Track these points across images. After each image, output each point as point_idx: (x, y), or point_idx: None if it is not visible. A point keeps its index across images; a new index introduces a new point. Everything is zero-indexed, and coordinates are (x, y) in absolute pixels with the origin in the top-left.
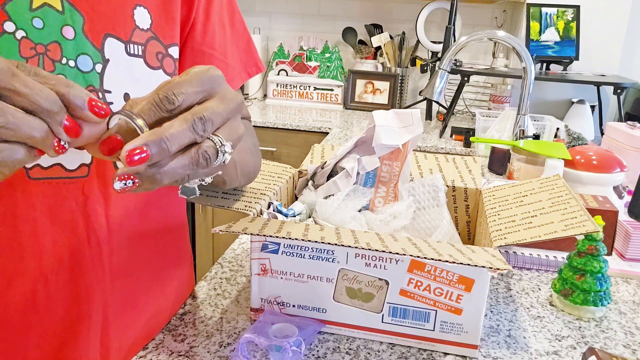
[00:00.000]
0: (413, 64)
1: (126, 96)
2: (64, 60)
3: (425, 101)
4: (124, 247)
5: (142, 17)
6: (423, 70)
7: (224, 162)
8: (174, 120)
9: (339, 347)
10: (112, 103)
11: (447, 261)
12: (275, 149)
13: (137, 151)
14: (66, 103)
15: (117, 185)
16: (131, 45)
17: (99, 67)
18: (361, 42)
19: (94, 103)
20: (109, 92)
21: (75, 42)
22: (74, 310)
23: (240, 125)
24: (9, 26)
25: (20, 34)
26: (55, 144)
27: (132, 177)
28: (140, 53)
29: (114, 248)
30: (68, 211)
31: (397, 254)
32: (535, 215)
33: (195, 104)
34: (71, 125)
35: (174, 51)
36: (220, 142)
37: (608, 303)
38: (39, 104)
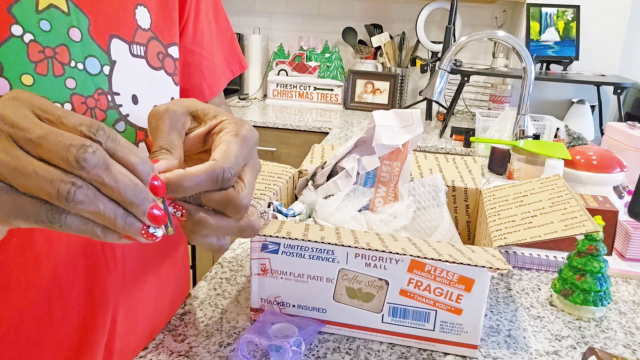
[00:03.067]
0: (413, 64)
1: (134, 98)
2: (72, 64)
3: (425, 101)
4: (134, 252)
5: (143, 17)
6: (423, 70)
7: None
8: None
9: (339, 347)
10: (121, 105)
11: (447, 261)
12: (275, 149)
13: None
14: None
15: (170, 209)
16: (134, 46)
17: (106, 69)
18: (361, 42)
19: (154, 182)
20: (118, 94)
21: (82, 44)
22: (89, 318)
23: (258, 160)
24: (16, 29)
25: (28, 37)
26: (143, 232)
27: (183, 210)
28: (142, 54)
29: (127, 254)
30: None
31: (397, 254)
32: (535, 215)
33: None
34: (158, 215)
35: (174, 51)
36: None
37: (608, 303)
38: (124, 199)
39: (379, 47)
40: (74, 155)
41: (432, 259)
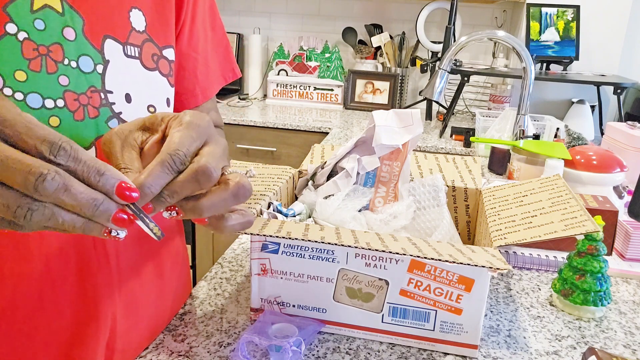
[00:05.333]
0: (413, 64)
1: (127, 96)
2: (65, 61)
3: (425, 101)
4: (129, 248)
5: (138, 19)
6: (423, 70)
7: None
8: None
9: (339, 347)
10: (114, 103)
11: (447, 261)
12: (275, 149)
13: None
14: (100, 190)
15: (165, 214)
16: (128, 47)
17: (100, 68)
18: (361, 42)
19: (123, 187)
20: (111, 92)
21: (76, 43)
22: (82, 312)
23: (221, 139)
24: (10, 28)
25: (22, 35)
26: (105, 234)
27: (175, 208)
28: (136, 55)
29: (120, 249)
30: None
31: (397, 253)
32: (535, 215)
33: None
34: (122, 220)
35: (169, 53)
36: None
37: (608, 303)
38: (85, 214)
39: (379, 47)
40: (32, 184)
41: (432, 259)
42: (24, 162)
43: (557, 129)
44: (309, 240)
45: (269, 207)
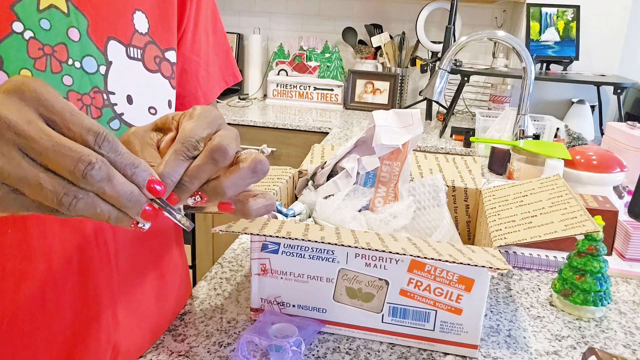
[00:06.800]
0: (413, 64)
1: (129, 98)
2: (70, 62)
3: (425, 101)
4: (128, 247)
5: (141, 22)
6: (423, 70)
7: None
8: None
9: (339, 347)
10: (116, 104)
11: (447, 261)
12: (275, 149)
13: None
14: (134, 182)
15: (190, 201)
16: (131, 49)
17: (102, 69)
18: (361, 42)
19: (154, 186)
20: (113, 93)
21: (80, 43)
22: (83, 312)
23: (231, 128)
24: (17, 26)
25: (28, 34)
26: (132, 225)
27: (199, 193)
28: (139, 56)
29: (119, 248)
30: None
31: (397, 253)
32: (535, 215)
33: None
34: (149, 213)
35: (171, 55)
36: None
37: (608, 303)
38: (120, 205)
39: (379, 47)
40: (80, 171)
41: (432, 259)
42: (74, 149)
43: (557, 129)
44: (309, 240)
45: None
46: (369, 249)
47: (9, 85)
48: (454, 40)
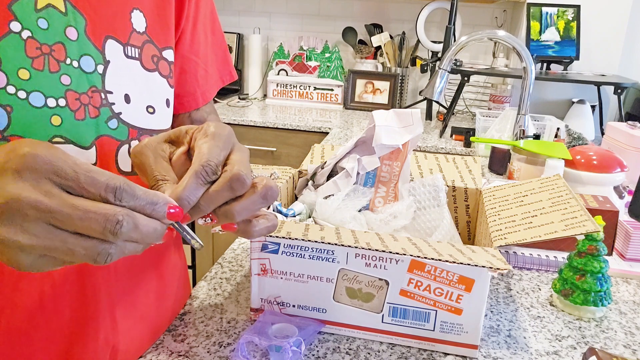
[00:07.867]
0: (413, 64)
1: (126, 97)
2: (67, 61)
3: (425, 101)
4: None
5: (138, 21)
6: (423, 70)
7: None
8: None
9: (339, 347)
10: (114, 104)
11: (447, 261)
12: (275, 149)
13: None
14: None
15: (200, 221)
16: (129, 48)
17: (100, 68)
18: (361, 42)
19: (172, 211)
20: (111, 92)
21: (78, 43)
22: (82, 311)
23: (243, 146)
24: (15, 26)
25: (26, 33)
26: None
27: (210, 215)
28: (137, 56)
29: None
30: None
31: (397, 254)
32: (536, 215)
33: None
34: (166, 236)
35: (168, 54)
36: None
37: (608, 303)
38: (147, 242)
39: (379, 47)
40: (109, 230)
41: (432, 259)
42: (99, 212)
43: (558, 128)
44: (309, 240)
45: (268, 207)
46: (369, 249)
47: (18, 162)
48: (454, 40)
